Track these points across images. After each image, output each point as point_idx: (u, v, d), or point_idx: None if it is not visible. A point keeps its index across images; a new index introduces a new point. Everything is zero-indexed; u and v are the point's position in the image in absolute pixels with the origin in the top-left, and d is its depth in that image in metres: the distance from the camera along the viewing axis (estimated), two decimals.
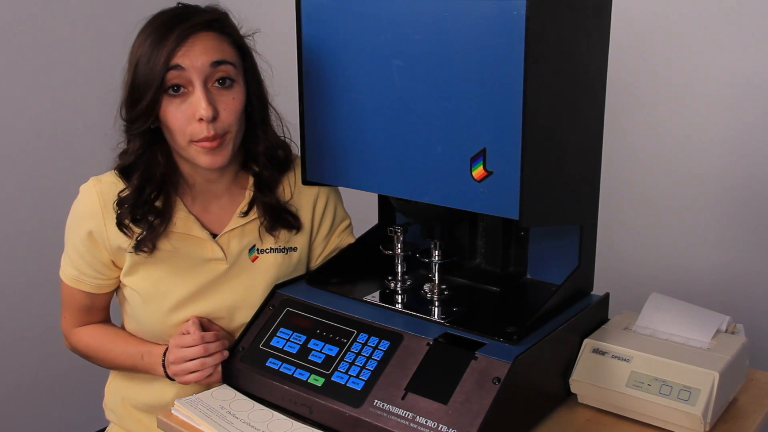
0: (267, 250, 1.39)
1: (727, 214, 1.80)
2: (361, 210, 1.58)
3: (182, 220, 1.33)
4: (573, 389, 1.22)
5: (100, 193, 1.32)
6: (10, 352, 2.29)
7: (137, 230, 1.30)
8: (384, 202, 1.46)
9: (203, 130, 1.24)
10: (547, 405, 1.21)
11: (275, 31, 2.40)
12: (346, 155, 1.26)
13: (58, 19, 2.26)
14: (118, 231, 1.31)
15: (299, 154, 1.37)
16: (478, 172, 1.11)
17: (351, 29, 1.20)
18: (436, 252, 1.31)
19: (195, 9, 1.28)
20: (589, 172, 1.25)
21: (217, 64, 1.24)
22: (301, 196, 1.42)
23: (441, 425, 1.05)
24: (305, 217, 1.42)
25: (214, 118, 1.23)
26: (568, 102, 1.15)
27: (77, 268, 1.36)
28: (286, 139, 1.41)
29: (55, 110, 2.28)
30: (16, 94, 2.20)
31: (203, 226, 1.35)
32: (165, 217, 1.31)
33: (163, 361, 1.32)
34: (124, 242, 1.32)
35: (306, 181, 1.35)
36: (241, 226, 1.36)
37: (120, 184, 1.31)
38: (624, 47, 1.76)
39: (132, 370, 1.40)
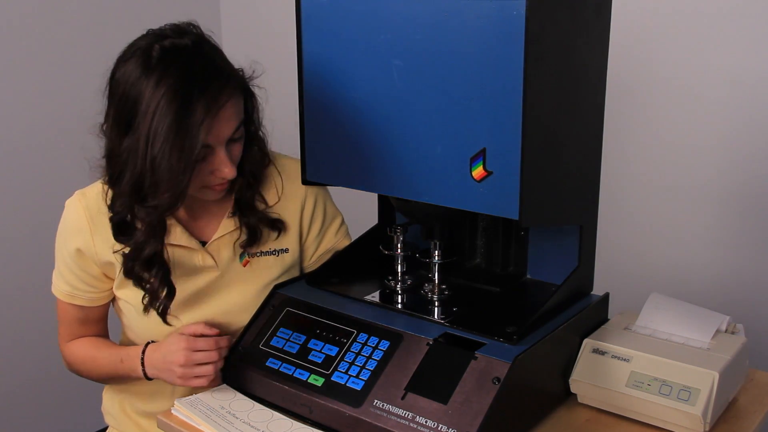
0: (258, 254, 1.38)
1: (727, 213, 1.80)
2: (361, 210, 1.58)
3: (170, 229, 1.30)
4: (573, 389, 1.22)
5: (86, 207, 1.30)
6: (10, 354, 2.29)
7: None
8: (384, 202, 1.46)
9: (219, 179, 1.24)
10: (547, 405, 1.21)
11: (275, 30, 2.40)
12: (346, 155, 1.26)
13: (50, 22, 2.26)
14: (105, 245, 1.29)
15: (299, 154, 1.37)
16: (478, 172, 1.11)
17: (351, 29, 1.20)
18: (436, 252, 1.31)
19: (211, 67, 1.19)
20: (589, 172, 1.25)
21: (238, 127, 1.24)
22: (288, 199, 1.40)
23: (441, 425, 1.05)
24: (293, 220, 1.41)
25: None
26: (568, 102, 1.15)
27: (70, 284, 1.35)
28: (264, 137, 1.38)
29: (46, 116, 2.27)
30: (8, 99, 2.20)
31: (192, 234, 1.33)
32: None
33: (142, 360, 1.30)
34: (112, 256, 1.30)
35: (306, 181, 1.35)
36: (230, 233, 1.35)
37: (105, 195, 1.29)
38: (624, 47, 1.76)
39: (116, 376, 1.37)
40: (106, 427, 1.52)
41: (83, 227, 1.31)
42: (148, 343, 1.32)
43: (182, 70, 1.16)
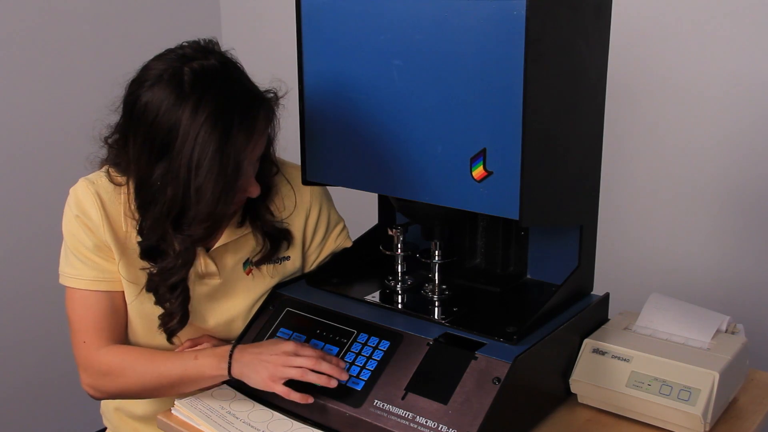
0: (261, 262, 1.37)
1: (727, 214, 1.80)
2: (361, 210, 1.58)
3: None
4: (573, 389, 1.22)
5: (95, 194, 1.26)
6: (10, 354, 2.29)
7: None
8: (384, 202, 1.46)
9: (242, 198, 1.25)
10: (547, 405, 1.21)
11: (275, 30, 2.40)
12: (346, 155, 1.26)
13: (51, 23, 2.26)
14: (110, 237, 1.26)
15: (299, 154, 1.37)
16: (478, 172, 1.11)
17: (351, 29, 1.20)
18: (436, 252, 1.31)
19: (245, 92, 1.19)
20: (589, 172, 1.25)
21: (264, 149, 1.25)
22: (294, 209, 1.40)
23: (441, 425, 1.05)
24: (297, 229, 1.40)
25: None
26: (568, 102, 1.15)
27: (95, 267, 1.27)
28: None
29: (47, 116, 2.27)
30: (12, 95, 2.20)
31: None
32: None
33: (231, 353, 1.21)
34: (112, 250, 1.27)
35: (306, 181, 1.35)
36: (234, 241, 1.34)
37: (111, 187, 1.26)
38: (624, 47, 1.76)
39: (177, 379, 1.23)
40: (105, 428, 1.52)
41: (94, 213, 1.25)
42: (237, 344, 1.25)
43: (219, 97, 1.14)
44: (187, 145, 1.12)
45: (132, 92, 1.18)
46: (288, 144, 1.47)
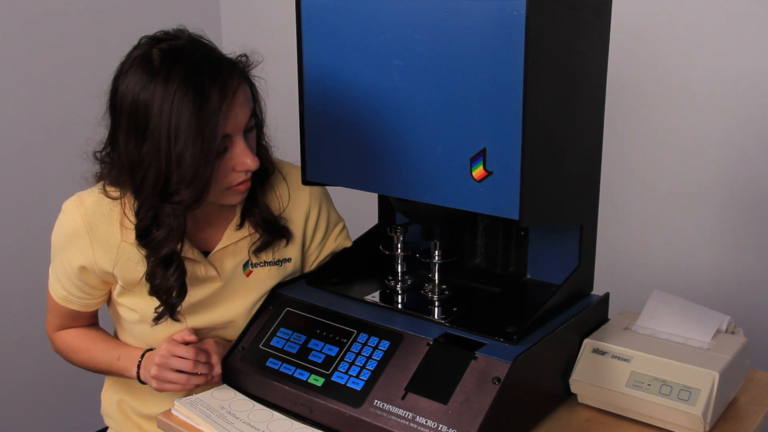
0: (261, 264, 1.37)
1: (727, 213, 1.80)
2: (361, 210, 1.58)
3: None
4: (573, 389, 1.22)
5: (84, 216, 1.27)
6: (10, 354, 2.29)
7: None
8: (384, 202, 1.46)
9: (241, 176, 1.24)
10: (547, 405, 1.21)
11: (275, 31, 2.40)
12: (346, 155, 1.26)
13: (49, 24, 2.26)
14: (105, 255, 1.28)
15: (300, 154, 1.36)
16: (478, 172, 1.11)
17: (351, 29, 1.20)
18: (436, 252, 1.31)
19: (214, 56, 1.21)
20: (589, 172, 1.25)
21: (251, 115, 1.24)
22: (292, 208, 1.40)
23: (441, 425, 1.05)
24: (297, 229, 1.41)
25: None
26: (568, 102, 1.15)
27: (66, 290, 1.35)
28: (271, 148, 1.39)
29: (45, 117, 2.27)
30: (8, 100, 2.20)
31: (195, 245, 1.32)
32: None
33: (139, 363, 1.31)
34: (111, 265, 1.29)
35: (306, 181, 1.35)
36: (234, 243, 1.34)
37: (104, 203, 1.27)
38: (624, 47, 1.76)
39: (108, 372, 1.40)
40: (106, 428, 1.52)
41: (83, 240, 1.28)
42: (148, 350, 1.33)
43: (188, 64, 1.16)
44: (163, 115, 1.14)
45: (112, 87, 1.21)
46: (288, 144, 1.47)
